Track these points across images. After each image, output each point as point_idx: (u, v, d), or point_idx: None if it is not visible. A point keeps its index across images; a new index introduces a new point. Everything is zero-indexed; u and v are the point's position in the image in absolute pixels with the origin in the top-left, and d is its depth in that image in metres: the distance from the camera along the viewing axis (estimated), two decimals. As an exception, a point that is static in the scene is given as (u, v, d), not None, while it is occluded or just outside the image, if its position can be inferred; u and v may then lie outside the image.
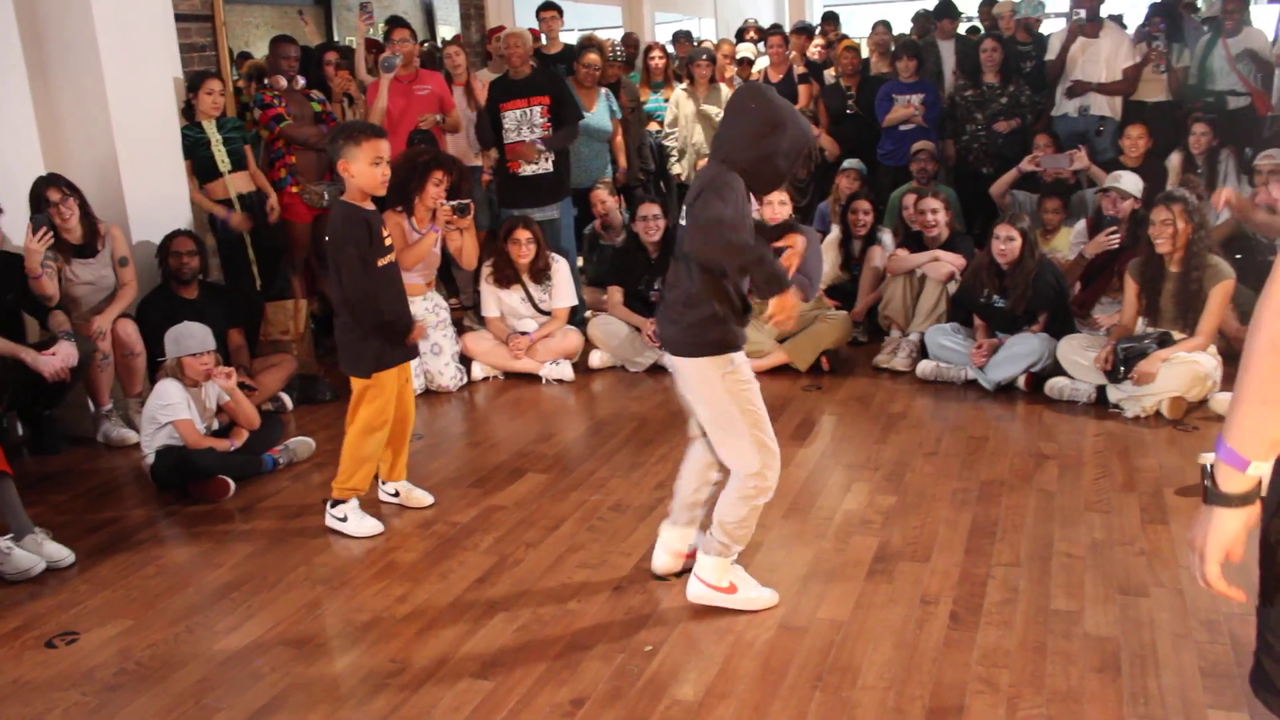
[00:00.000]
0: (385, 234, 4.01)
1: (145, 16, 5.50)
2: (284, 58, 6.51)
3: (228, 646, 3.29)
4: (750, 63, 8.98)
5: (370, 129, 3.87)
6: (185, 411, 4.55)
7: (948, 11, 8.87)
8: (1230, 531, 1.64)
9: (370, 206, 3.95)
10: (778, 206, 5.84)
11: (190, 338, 4.61)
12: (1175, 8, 8.12)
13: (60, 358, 4.75)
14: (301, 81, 6.59)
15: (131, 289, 5.35)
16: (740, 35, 10.86)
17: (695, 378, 3.23)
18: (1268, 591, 1.69)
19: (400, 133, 6.51)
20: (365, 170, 3.81)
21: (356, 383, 4.03)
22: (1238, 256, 5.58)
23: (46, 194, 5.03)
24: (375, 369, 3.99)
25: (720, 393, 3.18)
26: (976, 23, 9.72)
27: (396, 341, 4.04)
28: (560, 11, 8.09)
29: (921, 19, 9.42)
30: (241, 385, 5.20)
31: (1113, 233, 5.79)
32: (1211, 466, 1.64)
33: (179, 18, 6.10)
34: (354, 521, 4.08)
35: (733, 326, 3.19)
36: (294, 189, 6.43)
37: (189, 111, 5.87)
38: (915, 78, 7.59)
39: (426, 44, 8.68)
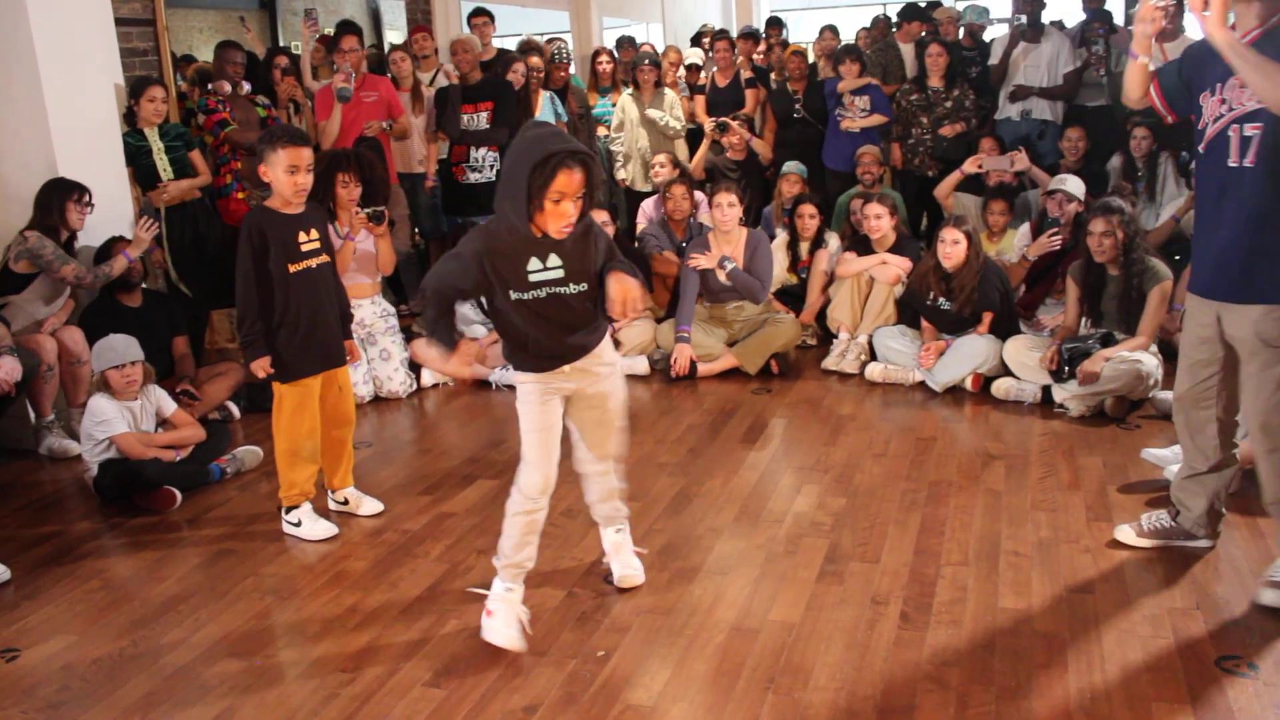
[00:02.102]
0: (309, 238, 3.96)
1: (84, 20, 5.38)
2: (229, 63, 6.45)
3: (175, 660, 3.24)
4: (699, 68, 9.01)
5: (291, 135, 3.81)
6: (122, 425, 4.47)
7: (918, 14, 8.94)
8: None
9: (292, 211, 3.91)
10: (726, 209, 5.87)
11: (110, 350, 4.52)
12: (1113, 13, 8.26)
13: (4, 371, 4.65)
14: (247, 87, 6.52)
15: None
16: (696, 40, 10.90)
17: None
18: None
19: (347, 139, 6.47)
20: (279, 177, 3.80)
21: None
22: (1176, 257, 5.68)
23: (79, 194, 5.13)
24: (286, 376, 3.97)
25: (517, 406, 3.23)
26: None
27: (305, 350, 3.98)
28: (491, 17, 8.06)
29: (882, 22, 9.48)
30: (184, 393, 5.14)
31: (1055, 234, 5.87)
32: None
33: (119, 22, 6.00)
34: (307, 525, 4.06)
35: (519, 352, 3.15)
36: (240, 195, 6.35)
37: (131, 118, 5.78)
38: (859, 81, 7.64)
39: (373, 49, 8.62)
